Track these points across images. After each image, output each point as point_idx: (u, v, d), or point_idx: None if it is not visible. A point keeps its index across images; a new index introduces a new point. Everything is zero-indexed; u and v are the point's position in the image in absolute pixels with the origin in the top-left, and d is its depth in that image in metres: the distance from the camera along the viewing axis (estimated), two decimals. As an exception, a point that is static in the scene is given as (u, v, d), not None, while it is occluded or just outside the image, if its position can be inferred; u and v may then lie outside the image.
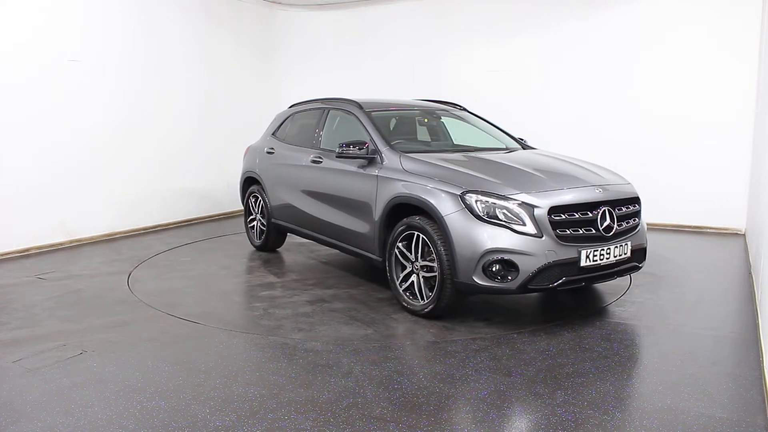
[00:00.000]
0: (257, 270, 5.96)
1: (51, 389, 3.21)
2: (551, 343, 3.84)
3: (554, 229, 3.96)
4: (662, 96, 7.64)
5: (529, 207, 3.96)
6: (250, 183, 6.79)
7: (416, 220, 4.27)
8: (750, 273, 5.47)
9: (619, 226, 4.21)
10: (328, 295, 4.99)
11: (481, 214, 3.99)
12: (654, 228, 7.75)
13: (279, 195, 6.19)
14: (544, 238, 3.92)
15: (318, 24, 9.87)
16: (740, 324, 4.19)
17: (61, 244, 6.81)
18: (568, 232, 4.00)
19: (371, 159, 4.84)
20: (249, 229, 6.83)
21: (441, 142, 5.71)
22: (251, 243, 6.81)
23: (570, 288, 4.29)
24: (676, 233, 7.52)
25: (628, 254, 4.25)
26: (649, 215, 7.81)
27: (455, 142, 5.78)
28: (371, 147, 4.88)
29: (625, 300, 4.76)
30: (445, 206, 4.11)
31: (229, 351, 3.76)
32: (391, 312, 4.48)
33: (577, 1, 8.06)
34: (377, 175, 4.72)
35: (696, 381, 3.27)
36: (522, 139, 5.70)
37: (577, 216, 4.05)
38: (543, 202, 3.99)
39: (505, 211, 3.96)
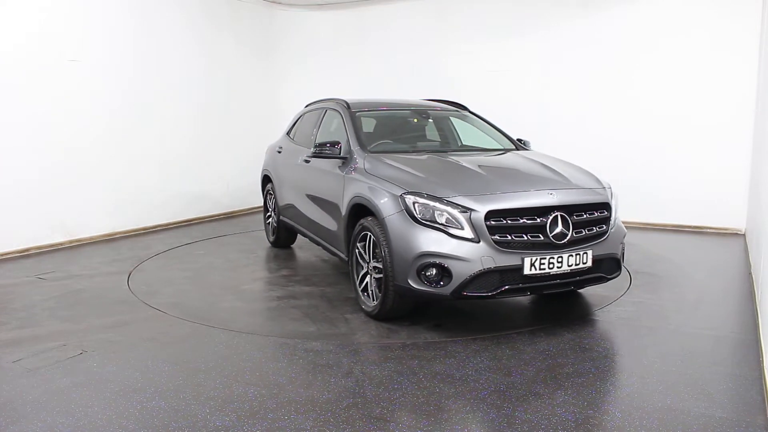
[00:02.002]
0: (256, 265, 6.05)
1: (51, 389, 3.21)
2: (551, 343, 3.84)
3: (493, 234, 3.79)
4: (662, 96, 7.64)
5: (467, 210, 3.83)
6: (266, 181, 7.01)
7: (368, 221, 4.25)
8: (750, 273, 5.47)
9: (577, 233, 3.97)
10: (303, 291, 5.07)
11: (418, 217, 3.90)
12: (654, 228, 7.76)
13: (284, 193, 6.34)
14: (481, 243, 3.77)
15: (318, 24, 9.87)
16: (740, 324, 4.19)
17: (61, 244, 6.81)
18: (510, 237, 3.82)
19: (345, 159, 4.87)
20: (266, 226, 7.08)
21: (429, 143, 5.55)
22: (267, 239, 7.04)
23: (514, 296, 4.00)
24: (676, 233, 7.52)
25: (589, 264, 3.98)
26: (649, 215, 7.87)
27: (459, 143, 5.75)
28: (345, 147, 4.93)
29: (625, 300, 4.76)
30: (387, 207, 4.08)
31: (229, 351, 3.76)
32: (348, 312, 4.50)
33: (578, 2, 8.06)
34: (344, 175, 4.76)
35: (696, 381, 3.27)
36: (521, 140, 5.60)
37: (521, 221, 3.86)
38: (481, 206, 3.82)
39: (443, 214, 3.85)
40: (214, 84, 8.83)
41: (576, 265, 3.94)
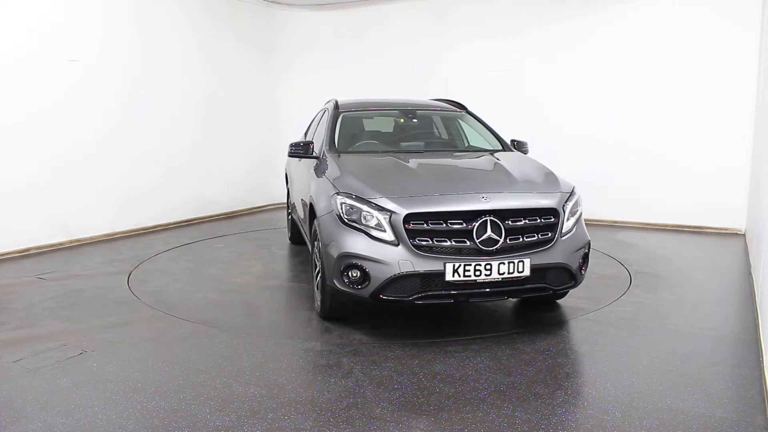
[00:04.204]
0: (260, 260, 6.22)
1: (51, 389, 3.21)
2: (551, 343, 3.84)
3: (413, 237, 3.69)
4: (663, 96, 7.64)
5: (387, 212, 3.74)
6: (286, 180, 7.22)
7: (316, 220, 4.29)
8: (750, 273, 5.47)
9: (514, 239, 3.76)
10: (282, 287, 5.26)
11: (344, 218, 3.88)
12: (654, 228, 7.76)
13: (292, 191, 6.52)
14: (399, 246, 3.68)
15: (318, 24, 9.87)
16: (740, 324, 4.19)
17: (61, 244, 6.81)
18: (431, 242, 3.69)
19: (318, 158, 4.91)
20: (287, 223, 7.31)
21: (414, 143, 5.38)
22: (288, 236, 7.31)
23: (439, 303, 3.84)
24: (676, 233, 7.52)
25: (526, 273, 3.74)
26: (649, 215, 7.87)
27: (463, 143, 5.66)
28: (319, 147, 5.00)
29: (625, 300, 4.76)
30: (321, 207, 4.13)
31: (229, 351, 3.76)
32: (304, 309, 4.58)
33: (577, 2, 8.06)
34: (311, 174, 4.83)
35: (696, 381, 3.27)
36: (516, 141, 5.38)
37: (445, 225, 3.71)
38: (401, 209, 3.72)
39: (369, 215, 3.78)
40: (214, 84, 8.83)
41: (509, 273, 3.71)
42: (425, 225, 3.72)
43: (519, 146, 5.34)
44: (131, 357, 3.66)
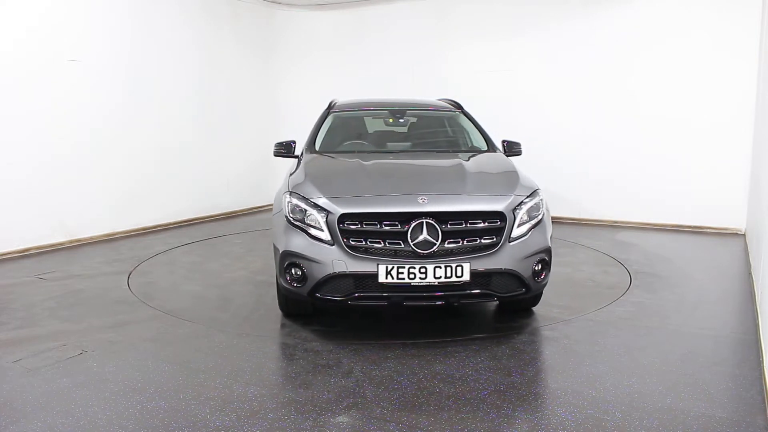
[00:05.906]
0: (263, 257, 6.27)
1: (51, 389, 3.21)
2: (551, 343, 3.84)
3: (347, 237, 3.68)
4: (663, 96, 7.64)
5: (325, 212, 3.76)
6: None
7: None
8: (750, 273, 5.47)
9: (453, 243, 3.67)
10: (268, 282, 5.29)
11: (289, 216, 3.92)
12: (654, 228, 7.76)
13: None
14: (334, 246, 3.69)
15: (317, 24, 9.87)
16: (740, 324, 4.19)
17: (61, 244, 6.81)
18: (365, 242, 3.67)
19: (298, 158, 4.95)
20: None
21: (401, 143, 5.29)
22: None
23: (372, 305, 3.89)
24: (676, 233, 7.52)
25: (465, 278, 3.63)
26: (649, 215, 7.87)
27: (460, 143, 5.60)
28: (302, 146, 5.05)
29: (625, 300, 4.76)
30: (276, 206, 4.22)
31: (229, 351, 3.76)
32: (270, 307, 4.64)
33: (577, 2, 8.06)
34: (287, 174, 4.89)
35: (696, 381, 3.27)
36: (508, 142, 5.21)
37: (379, 227, 3.66)
38: (337, 209, 3.72)
39: (308, 214, 3.82)
40: (214, 84, 8.83)
41: (446, 277, 3.62)
42: (360, 225, 3.70)
43: (510, 147, 5.19)
44: (131, 357, 3.66)
